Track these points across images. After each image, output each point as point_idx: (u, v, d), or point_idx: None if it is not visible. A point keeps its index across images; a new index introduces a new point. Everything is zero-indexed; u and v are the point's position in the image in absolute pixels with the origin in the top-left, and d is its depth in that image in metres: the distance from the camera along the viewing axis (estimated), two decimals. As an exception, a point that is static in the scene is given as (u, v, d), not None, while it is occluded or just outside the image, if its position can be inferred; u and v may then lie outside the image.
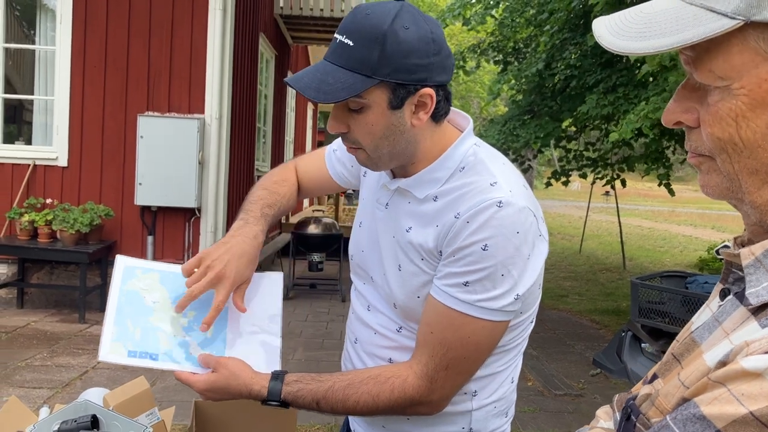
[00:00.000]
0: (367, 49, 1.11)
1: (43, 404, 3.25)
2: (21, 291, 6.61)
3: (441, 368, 1.20)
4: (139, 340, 1.31)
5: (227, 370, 1.27)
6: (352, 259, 1.45)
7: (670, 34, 0.63)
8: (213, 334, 1.36)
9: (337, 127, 1.21)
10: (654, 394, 0.72)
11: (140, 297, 1.36)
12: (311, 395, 1.24)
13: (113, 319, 1.33)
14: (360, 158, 1.25)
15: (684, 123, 0.71)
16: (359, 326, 1.40)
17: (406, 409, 1.24)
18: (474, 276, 1.15)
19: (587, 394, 5.02)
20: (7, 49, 6.81)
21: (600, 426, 0.92)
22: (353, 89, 1.12)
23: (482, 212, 1.14)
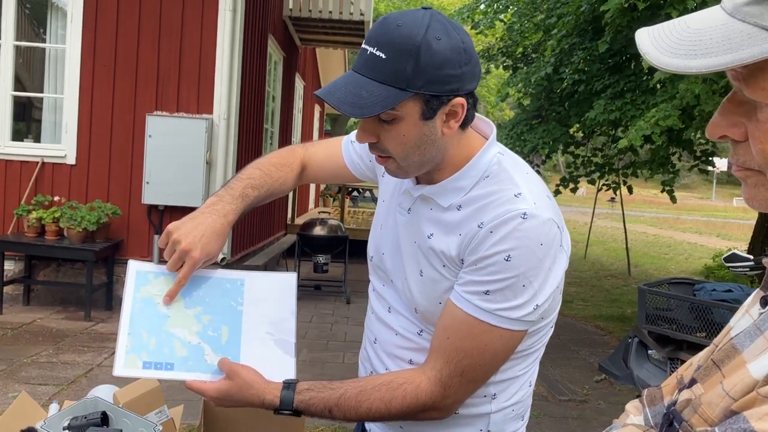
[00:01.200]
0: (400, 62, 1.10)
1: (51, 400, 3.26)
2: (27, 288, 6.63)
3: (456, 374, 1.21)
4: (153, 350, 1.30)
5: (240, 379, 1.26)
6: (371, 260, 1.44)
7: (723, 53, 0.62)
8: (227, 339, 1.36)
9: (367, 137, 1.21)
10: (695, 400, 0.72)
11: (154, 303, 1.35)
12: (323, 403, 1.25)
13: (127, 329, 1.31)
14: (390, 168, 1.25)
15: (730, 137, 0.70)
16: (379, 327, 1.40)
17: (418, 414, 1.24)
18: (495, 285, 1.15)
19: (591, 400, 5.01)
20: (18, 47, 6.84)
21: (631, 422, 0.92)
22: (388, 103, 1.11)
23: (506, 223, 1.15)
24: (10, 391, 4.23)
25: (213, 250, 1.35)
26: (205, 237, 1.33)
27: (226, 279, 1.42)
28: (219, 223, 1.36)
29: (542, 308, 1.19)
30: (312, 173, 1.64)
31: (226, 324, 1.37)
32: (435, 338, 1.25)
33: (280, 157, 1.59)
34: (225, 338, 1.36)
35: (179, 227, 1.34)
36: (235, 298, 1.41)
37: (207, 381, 1.30)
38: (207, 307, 1.37)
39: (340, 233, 8.10)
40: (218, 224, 1.36)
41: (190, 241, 1.31)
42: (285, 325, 1.41)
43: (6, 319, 6.05)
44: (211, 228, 1.34)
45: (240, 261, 7.48)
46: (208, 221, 1.35)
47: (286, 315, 1.42)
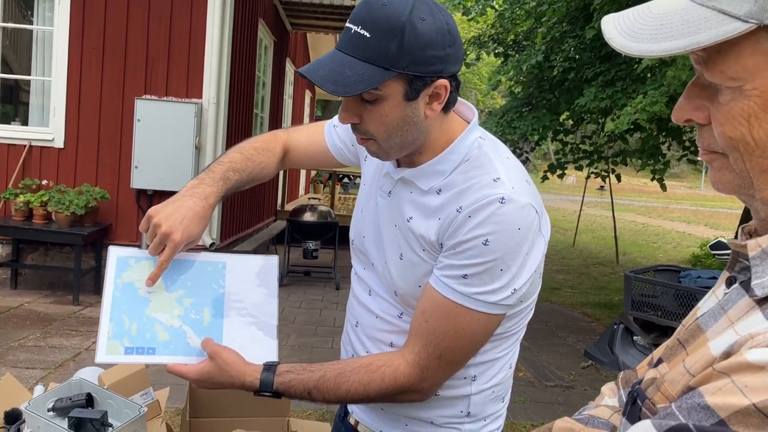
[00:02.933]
0: (385, 41, 1.10)
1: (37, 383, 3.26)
2: (15, 272, 6.60)
3: (434, 357, 1.22)
4: (135, 335, 1.31)
5: (221, 360, 1.27)
6: (352, 243, 1.45)
7: (681, 36, 0.63)
8: (210, 321, 1.36)
9: (350, 118, 1.20)
10: (659, 378, 0.73)
11: (135, 288, 1.35)
12: (302, 385, 1.26)
13: (108, 315, 1.32)
14: (371, 149, 1.24)
15: (694, 120, 0.71)
16: (360, 310, 1.40)
17: (396, 396, 1.26)
18: (473, 269, 1.16)
19: (578, 385, 5.05)
20: (5, 29, 6.77)
21: (605, 404, 0.94)
22: (372, 82, 1.11)
23: (484, 208, 1.15)
24: (-3, 374, 4.23)
25: (194, 232, 1.34)
26: (186, 219, 1.32)
27: (207, 262, 1.42)
28: (200, 206, 1.35)
29: (520, 292, 1.20)
30: (294, 158, 1.63)
31: (208, 306, 1.38)
32: (414, 321, 1.26)
33: (262, 141, 1.58)
34: (207, 320, 1.36)
35: (159, 211, 1.33)
36: (216, 281, 1.40)
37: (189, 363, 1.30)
38: (189, 291, 1.37)
39: (330, 219, 8.10)
40: (199, 207, 1.35)
41: (171, 224, 1.30)
42: (267, 307, 1.41)
43: (-7, 302, 6.03)
44: (192, 210, 1.33)
45: (229, 246, 7.47)
46: (188, 204, 1.34)
47: (267, 297, 1.42)
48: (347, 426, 1.48)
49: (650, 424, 0.62)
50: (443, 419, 1.33)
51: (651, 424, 0.62)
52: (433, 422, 1.33)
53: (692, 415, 0.59)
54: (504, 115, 8.64)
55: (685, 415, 0.60)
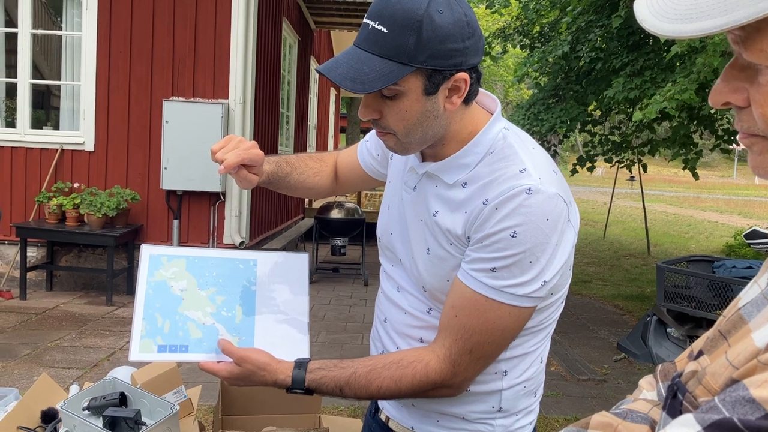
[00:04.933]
0: (402, 36, 1.09)
1: (72, 382, 3.32)
2: (50, 273, 6.73)
3: (464, 352, 1.21)
4: (168, 334, 1.32)
5: (250, 364, 1.28)
6: (380, 240, 1.45)
7: (718, 14, 0.60)
8: (241, 319, 1.37)
9: (369, 113, 1.19)
10: (701, 371, 0.71)
11: (167, 287, 1.37)
12: (334, 382, 1.26)
13: (142, 313, 1.33)
14: (389, 143, 1.24)
15: (733, 103, 0.68)
16: (389, 306, 1.40)
17: (428, 392, 1.25)
18: (502, 262, 1.15)
19: (610, 379, 5.00)
20: (35, 35, 6.89)
21: (643, 397, 0.91)
22: (390, 78, 1.10)
23: (511, 199, 1.14)
24: (35, 374, 4.31)
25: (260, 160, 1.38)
26: None
27: (239, 259, 1.44)
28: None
29: (550, 284, 1.19)
30: (342, 175, 1.67)
31: (240, 304, 1.39)
32: (443, 316, 1.25)
33: (317, 153, 1.65)
34: (239, 318, 1.37)
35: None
36: (248, 278, 1.42)
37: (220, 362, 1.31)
38: (220, 288, 1.39)
39: (357, 216, 8.12)
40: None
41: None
42: (298, 305, 1.42)
43: (30, 304, 6.15)
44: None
45: (258, 245, 7.53)
46: None
47: (298, 294, 1.43)
48: (378, 422, 1.48)
49: (692, 418, 0.61)
50: (475, 415, 1.32)
51: (693, 418, 0.60)
52: (464, 418, 1.32)
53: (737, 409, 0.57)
54: (531, 108, 8.56)
55: (729, 408, 0.58)
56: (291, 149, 10.11)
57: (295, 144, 10.41)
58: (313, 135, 13.65)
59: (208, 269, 1.40)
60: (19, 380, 4.21)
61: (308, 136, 12.33)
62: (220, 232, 6.73)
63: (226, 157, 1.33)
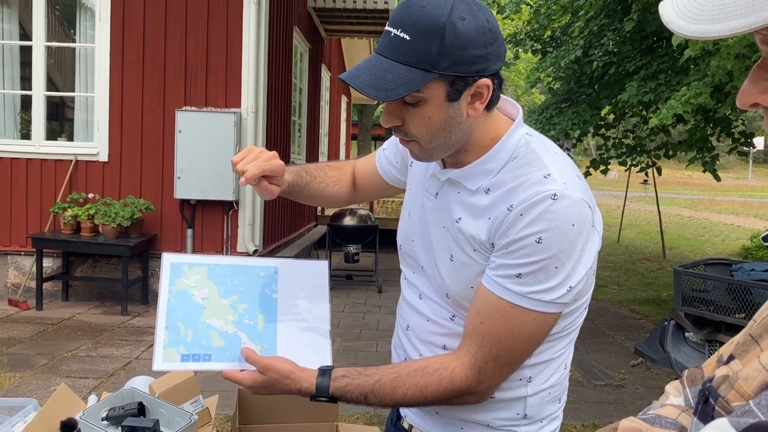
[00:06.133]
0: (425, 43, 1.09)
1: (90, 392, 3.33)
2: (66, 284, 6.77)
3: (490, 359, 1.20)
4: (191, 342, 1.32)
5: (275, 372, 1.27)
6: (401, 248, 1.44)
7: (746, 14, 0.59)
8: (263, 326, 1.37)
9: (392, 120, 1.19)
10: (732, 376, 0.70)
11: (189, 295, 1.37)
12: (359, 389, 1.25)
13: (164, 322, 1.33)
14: (413, 150, 1.23)
15: (762, 104, 0.67)
16: (411, 314, 1.39)
17: (453, 399, 1.24)
18: (527, 268, 1.14)
19: (628, 384, 4.96)
20: (49, 48, 6.95)
21: (670, 403, 0.90)
22: (413, 85, 1.09)
23: (536, 205, 1.13)
24: (52, 384, 4.33)
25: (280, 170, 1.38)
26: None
27: (260, 267, 1.44)
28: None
29: (576, 290, 1.17)
30: (361, 183, 1.67)
31: (262, 311, 1.38)
32: (468, 323, 1.24)
33: (335, 161, 1.68)
34: (261, 326, 1.37)
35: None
36: (269, 286, 1.42)
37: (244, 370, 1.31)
38: (242, 296, 1.38)
39: (370, 223, 8.11)
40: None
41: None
42: (319, 312, 1.42)
43: (46, 314, 6.19)
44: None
45: (272, 253, 7.54)
46: None
47: (319, 301, 1.43)
48: (400, 430, 1.46)
49: (727, 422, 0.59)
50: (500, 422, 1.31)
51: (728, 422, 0.59)
52: (489, 425, 1.31)
53: None
54: (543, 112, 8.54)
55: (765, 411, 0.57)
56: (303, 157, 10.13)
57: (307, 152, 10.44)
58: (324, 142, 13.68)
59: (230, 277, 1.40)
60: (36, 390, 4.23)
61: (320, 144, 12.36)
62: (234, 240, 6.75)
63: (246, 168, 1.33)
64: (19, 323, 5.86)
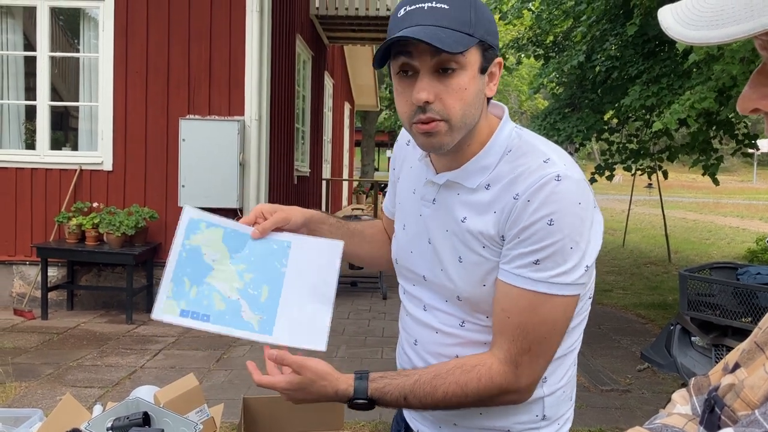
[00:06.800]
0: (463, 11, 1.13)
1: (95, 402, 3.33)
2: (71, 293, 6.78)
3: (524, 352, 1.18)
4: (193, 299, 1.31)
5: (311, 372, 1.24)
6: (396, 262, 1.42)
7: (744, 20, 0.59)
8: (267, 298, 1.35)
9: (428, 95, 1.15)
10: (738, 384, 0.69)
11: (201, 254, 1.35)
12: (398, 390, 1.22)
13: (171, 275, 1.32)
14: (439, 131, 1.17)
15: (762, 110, 0.67)
16: (418, 328, 1.36)
17: (494, 398, 1.21)
18: (543, 253, 1.14)
19: (634, 389, 4.94)
20: (53, 58, 6.98)
21: (677, 412, 0.89)
22: (465, 43, 1.11)
23: (542, 188, 1.14)
24: (57, 394, 4.33)
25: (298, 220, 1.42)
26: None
27: (273, 240, 1.41)
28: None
29: (591, 269, 1.18)
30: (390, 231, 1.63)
31: (267, 284, 1.36)
32: (496, 321, 1.22)
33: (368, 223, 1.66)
34: (264, 297, 1.34)
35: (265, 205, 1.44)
36: (279, 260, 1.39)
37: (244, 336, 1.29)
38: (251, 266, 1.36)
39: (375, 229, 8.09)
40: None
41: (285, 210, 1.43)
42: (325, 290, 1.38)
43: (51, 324, 6.19)
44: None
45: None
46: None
47: (328, 281, 1.39)
48: None
49: None
50: (520, 426, 1.29)
51: None
52: (510, 430, 1.30)
53: None
54: (547, 117, 8.53)
55: None
56: (307, 164, 10.14)
57: (310, 159, 10.45)
58: (328, 149, 13.70)
59: (242, 246, 1.38)
60: (42, 400, 4.23)
61: (323, 151, 12.37)
62: (238, 248, 6.75)
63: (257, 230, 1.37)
64: (25, 333, 5.87)
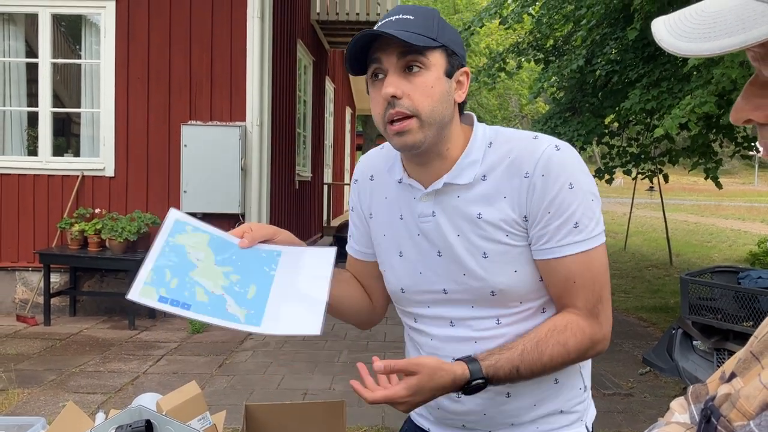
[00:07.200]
0: (427, 20, 1.24)
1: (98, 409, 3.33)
2: (73, 299, 6.79)
3: (597, 302, 1.29)
4: (173, 289, 1.23)
5: (427, 367, 1.21)
6: (403, 292, 1.41)
7: (737, 32, 0.60)
8: (254, 295, 1.29)
9: (394, 90, 1.22)
10: (734, 394, 0.70)
11: (185, 252, 1.30)
12: (509, 363, 1.25)
13: (152, 264, 1.26)
14: (411, 128, 1.23)
15: (755, 120, 0.68)
16: (451, 346, 1.35)
17: (588, 351, 1.29)
18: (577, 215, 1.24)
19: (637, 393, 4.93)
20: (55, 64, 7.00)
21: (675, 420, 0.90)
22: (428, 42, 1.22)
23: (550, 160, 1.24)
24: (60, 400, 4.34)
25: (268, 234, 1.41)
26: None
27: (261, 249, 1.38)
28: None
29: None
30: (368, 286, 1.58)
31: (255, 283, 1.31)
32: (560, 292, 1.29)
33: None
34: (251, 294, 1.29)
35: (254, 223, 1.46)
36: (269, 264, 1.35)
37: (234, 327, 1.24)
38: (237, 269, 1.31)
39: (376, 234, 8.09)
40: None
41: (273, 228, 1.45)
42: (318, 286, 1.33)
43: (54, 330, 6.20)
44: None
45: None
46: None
47: (320, 278, 1.34)
48: None
49: None
50: (570, 403, 1.39)
51: None
52: (562, 410, 1.38)
53: None
54: (548, 122, 8.53)
55: None
56: (308, 169, 10.15)
57: (312, 163, 10.46)
58: (329, 154, 13.71)
59: (229, 251, 1.34)
60: (45, 407, 4.24)
61: (325, 155, 12.39)
62: (240, 253, 6.76)
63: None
64: (27, 339, 5.88)
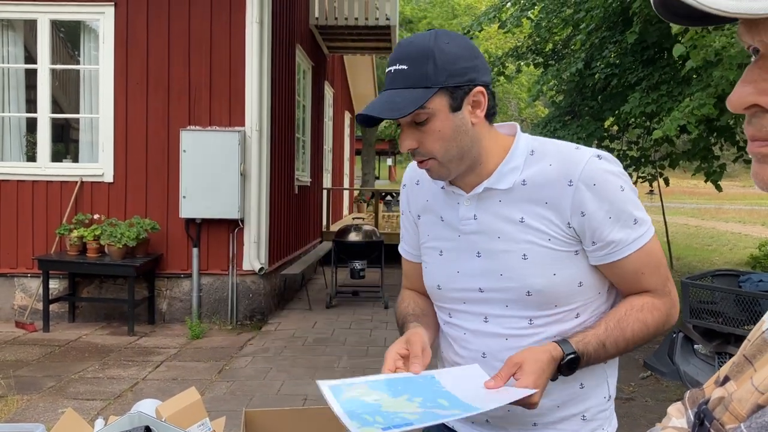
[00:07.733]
0: (421, 67, 1.27)
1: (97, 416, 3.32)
2: (72, 305, 6.77)
3: (665, 282, 1.40)
4: (383, 422, 1.19)
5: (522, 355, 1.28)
6: (439, 288, 1.48)
7: None
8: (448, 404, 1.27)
9: (410, 144, 1.33)
10: (727, 398, 0.69)
11: (360, 400, 1.27)
12: (596, 339, 1.32)
13: (350, 421, 1.20)
14: (432, 168, 1.35)
15: (762, 106, 0.61)
16: (483, 340, 1.42)
17: (665, 324, 1.40)
18: (634, 211, 1.34)
19: (638, 397, 4.92)
20: (53, 70, 7.00)
21: (672, 425, 0.89)
22: (419, 101, 1.26)
23: (596, 169, 1.32)
24: (59, 407, 4.32)
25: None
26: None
27: (417, 376, 1.36)
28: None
29: None
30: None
31: (440, 398, 1.29)
32: (634, 285, 1.38)
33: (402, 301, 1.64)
34: (445, 403, 1.27)
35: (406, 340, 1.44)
36: (433, 384, 1.34)
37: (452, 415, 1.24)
38: (414, 394, 1.30)
39: (375, 238, 8.11)
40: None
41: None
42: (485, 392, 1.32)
43: (53, 336, 6.19)
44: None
45: (277, 270, 7.53)
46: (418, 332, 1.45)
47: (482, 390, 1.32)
48: None
49: None
50: (593, 410, 1.42)
51: None
52: (584, 416, 1.41)
53: None
54: (547, 125, 8.53)
55: None
56: (308, 174, 10.15)
57: (311, 168, 10.46)
58: (329, 159, 13.72)
59: (392, 385, 1.32)
60: (44, 413, 4.22)
61: (324, 160, 12.39)
62: (240, 258, 6.76)
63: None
64: (26, 345, 5.86)
